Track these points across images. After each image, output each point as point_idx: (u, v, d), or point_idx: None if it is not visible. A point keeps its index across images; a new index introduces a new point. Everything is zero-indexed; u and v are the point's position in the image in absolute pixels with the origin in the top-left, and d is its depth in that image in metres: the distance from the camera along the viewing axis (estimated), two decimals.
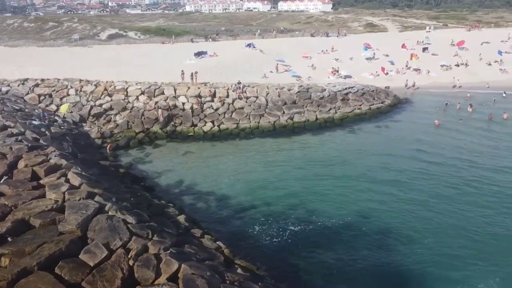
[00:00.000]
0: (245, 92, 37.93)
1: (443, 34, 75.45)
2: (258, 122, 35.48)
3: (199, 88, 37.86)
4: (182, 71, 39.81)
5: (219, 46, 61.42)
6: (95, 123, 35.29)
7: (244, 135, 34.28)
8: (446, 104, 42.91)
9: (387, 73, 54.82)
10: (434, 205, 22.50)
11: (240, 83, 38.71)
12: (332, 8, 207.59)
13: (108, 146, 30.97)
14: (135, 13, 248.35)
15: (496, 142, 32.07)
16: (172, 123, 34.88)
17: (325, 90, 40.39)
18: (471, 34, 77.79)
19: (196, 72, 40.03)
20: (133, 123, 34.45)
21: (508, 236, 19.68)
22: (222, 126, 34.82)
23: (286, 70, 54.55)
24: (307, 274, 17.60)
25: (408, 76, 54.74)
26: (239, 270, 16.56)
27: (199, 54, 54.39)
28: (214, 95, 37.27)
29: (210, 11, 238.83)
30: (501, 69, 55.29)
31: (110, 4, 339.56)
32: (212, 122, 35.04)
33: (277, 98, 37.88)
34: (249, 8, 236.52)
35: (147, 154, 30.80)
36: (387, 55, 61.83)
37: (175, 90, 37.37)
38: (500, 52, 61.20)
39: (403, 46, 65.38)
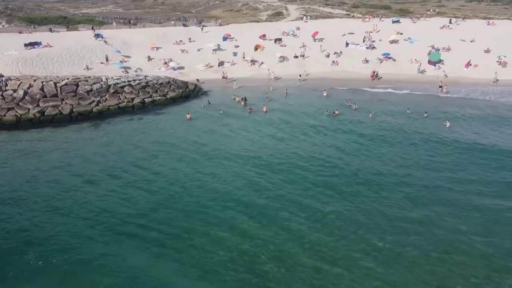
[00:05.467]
0: (7, 85, 38.42)
1: (318, 25, 75.25)
2: (4, 116, 36.09)
3: None
4: None
5: (64, 36, 61.50)
6: None
7: None
8: (233, 97, 43.35)
9: (220, 65, 55.15)
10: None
11: (2, 76, 39.18)
12: None
13: None
14: None
15: (216, 137, 32.93)
16: None
17: (98, 83, 40.90)
18: (356, 25, 77.17)
19: None
20: None
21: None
22: None
23: (121, 61, 54.86)
24: None
25: (241, 67, 55.29)
26: None
27: (31, 44, 54.54)
28: None
29: None
30: (333, 61, 55.62)
31: None
32: None
33: (38, 91, 38.42)
34: None
35: None
36: (237, 46, 62.04)
37: None
38: (347, 44, 61.43)
39: (261, 37, 65.43)
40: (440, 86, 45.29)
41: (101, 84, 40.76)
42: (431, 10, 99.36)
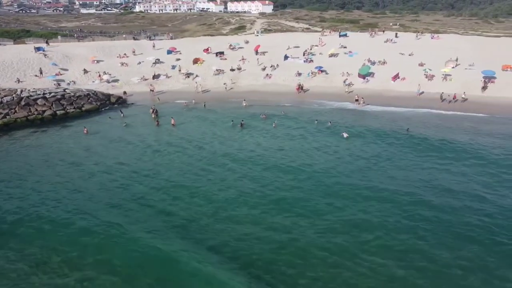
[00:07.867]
0: None
1: (268, 39, 76.11)
2: None
3: None
4: None
5: (6, 50, 61.87)
6: None
7: None
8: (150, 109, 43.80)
9: (155, 78, 55.59)
10: None
11: None
12: (273, 10, 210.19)
13: None
14: (86, 12, 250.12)
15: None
16: None
17: (10, 95, 41.15)
18: (306, 39, 77.79)
19: None
20: None
21: None
22: None
23: (57, 74, 55.24)
24: None
25: (175, 80, 55.87)
26: None
27: None
28: None
29: (161, 11, 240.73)
30: (267, 74, 56.15)
31: (77, 2, 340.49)
32: None
33: None
34: (204, 8, 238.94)
35: None
36: (178, 59, 62.63)
37: None
38: (286, 57, 62.04)
39: (205, 50, 66.06)
40: (356, 100, 45.66)
41: (13, 97, 40.99)
42: (391, 24, 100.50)
